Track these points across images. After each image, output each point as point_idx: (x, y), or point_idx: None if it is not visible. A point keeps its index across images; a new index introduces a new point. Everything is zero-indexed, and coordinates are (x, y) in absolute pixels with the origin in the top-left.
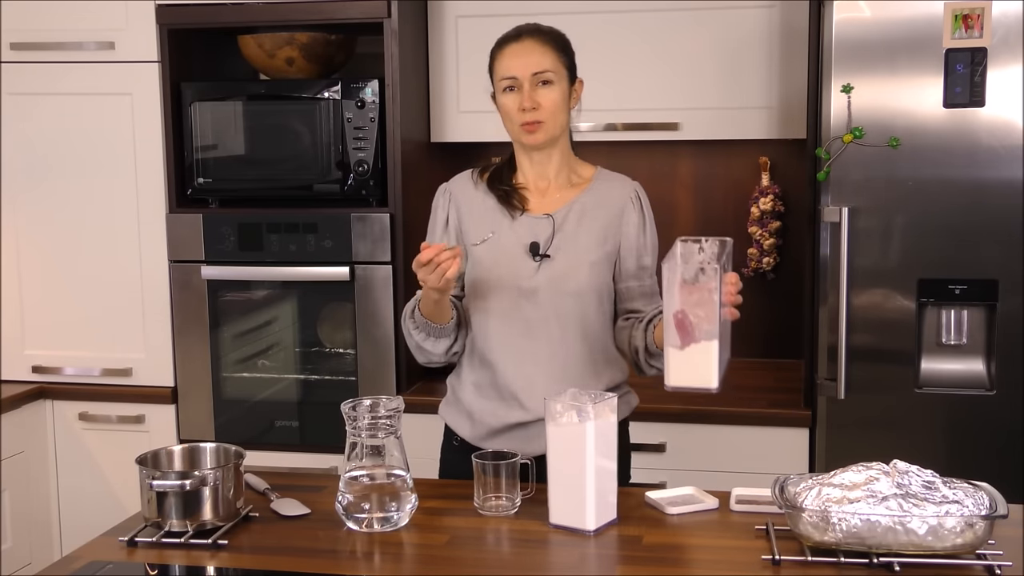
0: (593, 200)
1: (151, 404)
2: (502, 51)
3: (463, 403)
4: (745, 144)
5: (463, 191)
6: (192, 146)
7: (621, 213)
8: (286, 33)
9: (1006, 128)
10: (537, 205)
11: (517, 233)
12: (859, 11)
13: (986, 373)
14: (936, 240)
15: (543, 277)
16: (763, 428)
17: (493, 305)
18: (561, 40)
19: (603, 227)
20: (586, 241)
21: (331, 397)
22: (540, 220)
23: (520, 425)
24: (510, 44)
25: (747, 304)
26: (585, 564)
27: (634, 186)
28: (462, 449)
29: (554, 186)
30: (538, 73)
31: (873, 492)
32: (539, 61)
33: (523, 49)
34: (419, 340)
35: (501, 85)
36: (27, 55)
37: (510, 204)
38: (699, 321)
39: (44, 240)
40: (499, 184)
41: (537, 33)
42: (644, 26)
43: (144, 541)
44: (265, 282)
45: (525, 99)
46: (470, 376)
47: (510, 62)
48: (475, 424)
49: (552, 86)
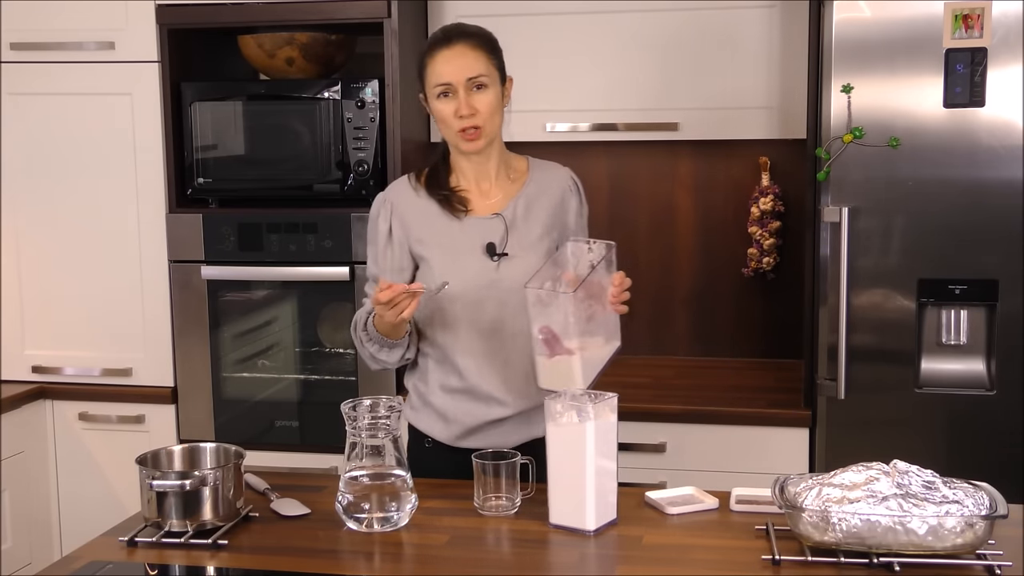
0: (534, 191)
1: (151, 404)
2: (433, 56)
3: (434, 406)
4: (745, 144)
5: (403, 199)
6: (192, 146)
7: (562, 200)
8: (286, 33)
9: (1006, 128)
10: (482, 206)
11: (469, 236)
12: (859, 11)
13: (986, 373)
14: (936, 240)
15: (503, 275)
16: (763, 428)
17: (458, 309)
18: (491, 41)
19: (548, 216)
20: (537, 232)
21: (331, 397)
22: (490, 220)
23: (496, 422)
24: (441, 50)
25: (747, 304)
26: (585, 564)
27: (569, 172)
28: (436, 449)
29: (495, 185)
30: (472, 78)
31: (873, 492)
32: (472, 66)
33: (455, 54)
34: (372, 351)
35: (435, 91)
36: (27, 55)
37: (452, 208)
38: (566, 329)
39: (44, 240)
40: (437, 189)
41: (467, 36)
42: (644, 26)
43: (144, 541)
44: (265, 282)
45: (462, 106)
46: (438, 379)
47: (443, 68)
48: (449, 424)
49: (487, 89)
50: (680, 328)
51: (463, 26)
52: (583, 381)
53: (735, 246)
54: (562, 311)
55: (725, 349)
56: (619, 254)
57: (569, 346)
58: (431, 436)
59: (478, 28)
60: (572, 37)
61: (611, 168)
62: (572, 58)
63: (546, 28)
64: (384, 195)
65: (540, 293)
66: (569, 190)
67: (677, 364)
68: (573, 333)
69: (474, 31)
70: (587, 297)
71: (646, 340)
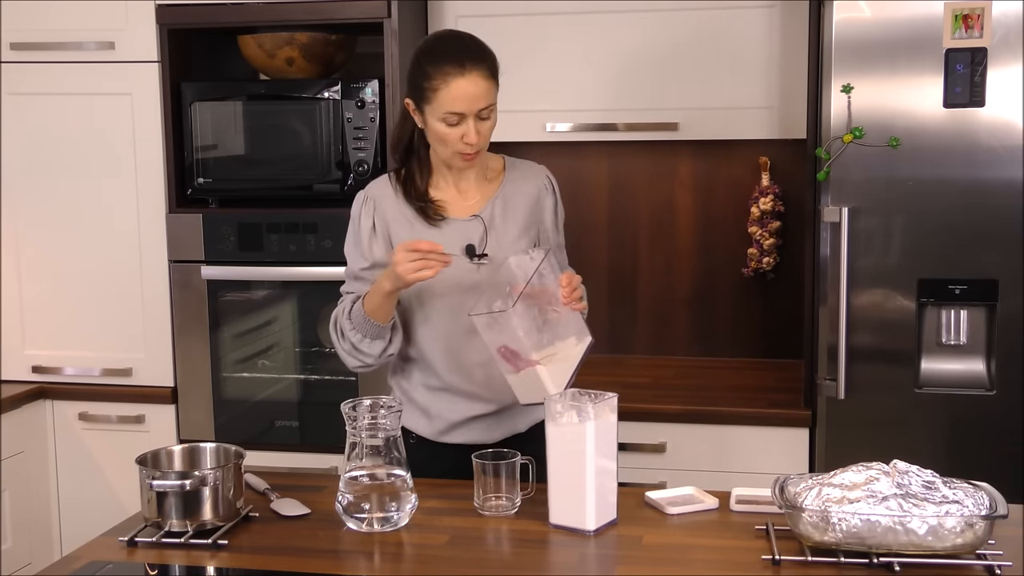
0: (511, 191)
1: (151, 404)
2: (448, 84)
3: (417, 403)
4: (745, 144)
5: (385, 198)
6: (192, 146)
7: (538, 199)
8: (286, 33)
9: (1006, 128)
10: (460, 208)
11: (449, 238)
12: (859, 11)
13: (986, 373)
14: (936, 240)
15: (483, 276)
16: (763, 428)
17: (438, 309)
18: (496, 65)
19: (525, 216)
20: (514, 232)
21: (331, 397)
22: (469, 222)
23: (479, 417)
24: (455, 79)
25: (747, 304)
26: (585, 564)
27: (544, 171)
28: (420, 447)
29: (473, 185)
30: (483, 108)
31: (873, 492)
32: (485, 96)
33: (470, 84)
34: (355, 341)
35: (446, 118)
36: (27, 55)
37: (428, 218)
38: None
39: (44, 240)
40: (415, 198)
41: (478, 62)
42: (644, 26)
43: (144, 541)
44: (265, 282)
45: (471, 134)
46: (421, 378)
47: (458, 99)
48: (432, 420)
49: (491, 114)
50: (680, 328)
51: (471, 47)
52: (555, 387)
53: (735, 246)
54: (510, 327)
55: (725, 349)
56: (619, 254)
57: (530, 358)
58: (415, 432)
59: (483, 47)
60: (572, 37)
61: (611, 168)
62: (572, 58)
63: (546, 28)
64: (365, 193)
65: (483, 317)
66: (545, 188)
67: (677, 364)
68: (530, 345)
69: (483, 54)
70: (537, 305)
71: (646, 340)
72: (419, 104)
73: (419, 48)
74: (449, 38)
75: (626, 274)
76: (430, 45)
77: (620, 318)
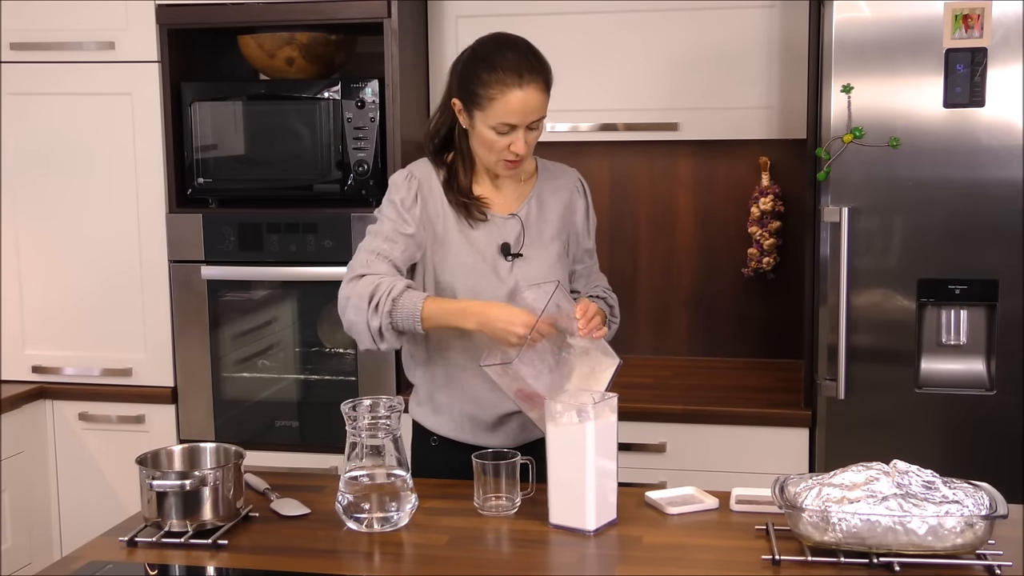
0: (545, 192)
1: (151, 404)
2: (504, 95)
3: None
4: (745, 144)
5: (430, 180)
6: (192, 146)
7: (570, 202)
8: (286, 33)
9: (1006, 128)
10: (498, 206)
11: (486, 235)
12: (859, 11)
13: (986, 373)
14: (936, 240)
15: (518, 275)
16: (763, 428)
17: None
18: (551, 78)
19: (559, 218)
20: (549, 234)
21: (331, 397)
22: (507, 220)
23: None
24: (513, 90)
25: (747, 304)
26: (585, 564)
27: (576, 174)
28: (442, 447)
29: (509, 185)
30: (535, 120)
31: (873, 492)
32: (539, 108)
33: (528, 97)
34: (383, 324)
35: (497, 127)
36: (27, 55)
37: (471, 215)
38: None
39: (44, 240)
40: (459, 195)
41: (538, 75)
42: (644, 26)
43: (144, 541)
44: (265, 282)
45: (519, 144)
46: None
47: (515, 110)
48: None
49: (540, 125)
50: (680, 328)
51: (530, 58)
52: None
53: (735, 246)
54: (520, 376)
55: (725, 349)
56: (620, 254)
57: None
58: (437, 433)
59: (541, 59)
60: (572, 37)
61: (611, 168)
62: (572, 58)
63: (546, 28)
64: (409, 170)
65: (495, 368)
66: (577, 191)
67: (677, 364)
68: (546, 386)
69: (542, 66)
70: (552, 341)
71: (646, 340)
72: (469, 108)
73: (475, 51)
74: (508, 44)
75: (626, 274)
76: (488, 51)
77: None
